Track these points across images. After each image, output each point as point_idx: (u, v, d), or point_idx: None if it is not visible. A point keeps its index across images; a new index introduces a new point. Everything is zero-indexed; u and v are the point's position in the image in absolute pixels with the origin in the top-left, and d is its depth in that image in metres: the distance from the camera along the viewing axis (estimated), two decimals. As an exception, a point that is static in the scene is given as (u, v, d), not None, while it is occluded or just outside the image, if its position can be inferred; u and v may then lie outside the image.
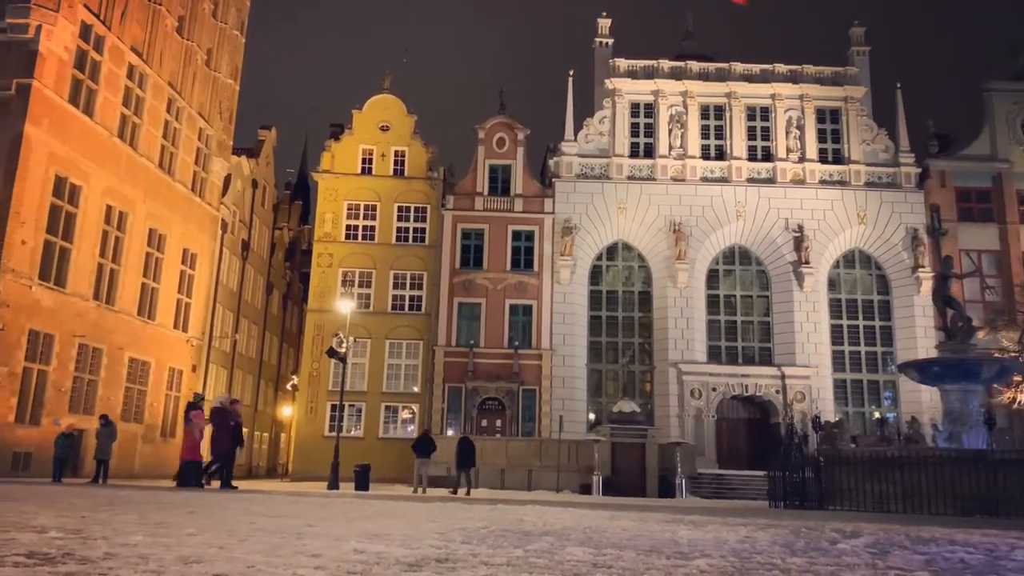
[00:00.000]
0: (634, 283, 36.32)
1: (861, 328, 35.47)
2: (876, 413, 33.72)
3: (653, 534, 7.70)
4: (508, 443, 29.55)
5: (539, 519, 9.50)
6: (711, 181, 35.81)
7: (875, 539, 7.71)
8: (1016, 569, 5.69)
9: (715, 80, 36.81)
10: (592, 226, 35.41)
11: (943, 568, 5.53)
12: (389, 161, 36.74)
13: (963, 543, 7.68)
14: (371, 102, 37.44)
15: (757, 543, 6.98)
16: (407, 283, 35.58)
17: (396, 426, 34.34)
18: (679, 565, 5.07)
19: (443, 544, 5.81)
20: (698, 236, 35.08)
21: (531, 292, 34.89)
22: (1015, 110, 36.03)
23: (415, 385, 34.62)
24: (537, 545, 5.99)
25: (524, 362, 33.92)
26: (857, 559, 5.88)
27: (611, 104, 36.66)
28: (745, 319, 35.81)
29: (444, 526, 7.86)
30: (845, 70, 37.16)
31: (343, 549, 5.20)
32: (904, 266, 34.98)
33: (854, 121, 36.50)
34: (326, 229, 35.88)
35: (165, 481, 22.58)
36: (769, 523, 10.16)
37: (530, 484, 26.93)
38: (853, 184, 35.71)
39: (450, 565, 4.61)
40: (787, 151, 36.17)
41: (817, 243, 34.87)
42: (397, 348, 34.94)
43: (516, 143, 36.46)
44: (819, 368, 34.13)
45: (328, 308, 33.61)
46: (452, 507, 11.76)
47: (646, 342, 35.51)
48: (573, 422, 32.41)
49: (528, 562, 4.91)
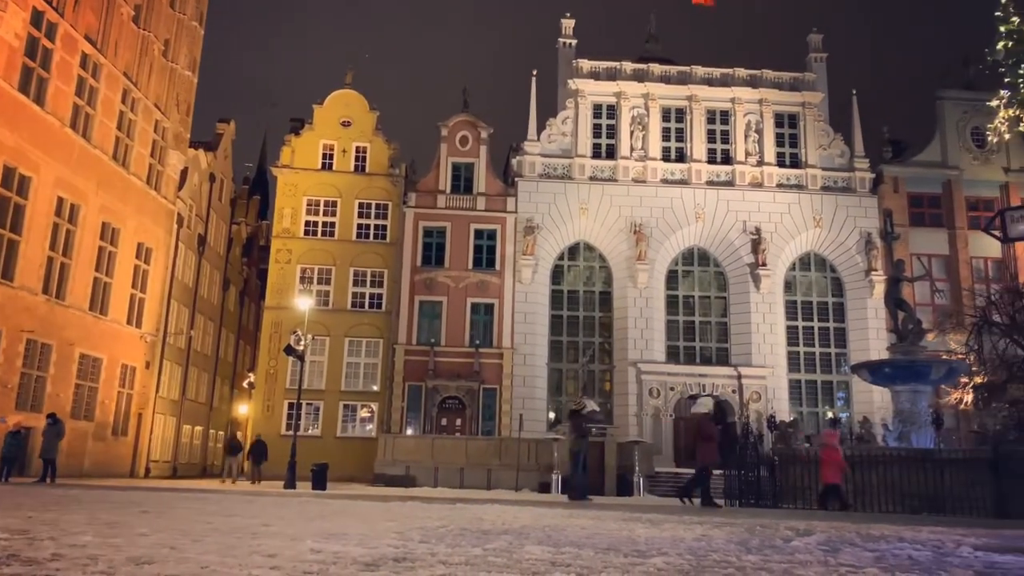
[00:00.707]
0: (595, 283, 36.54)
1: (816, 329, 36.16)
2: (829, 413, 34.40)
3: (611, 532, 7.75)
4: (468, 442, 29.52)
5: (498, 518, 9.49)
6: (671, 183, 36.18)
7: (827, 537, 7.86)
8: (962, 565, 5.84)
9: (676, 83, 37.19)
10: (554, 226, 35.53)
11: (892, 565, 5.65)
12: (350, 157, 36.40)
13: (911, 540, 7.86)
14: (332, 97, 37.06)
15: (713, 541, 7.06)
16: (367, 280, 35.30)
17: (355, 425, 34.06)
18: (636, 563, 5.11)
19: (401, 543, 5.77)
20: (658, 237, 35.42)
21: (493, 291, 34.88)
22: (965, 118, 37.03)
23: (374, 384, 34.37)
24: (496, 544, 5.98)
25: (485, 361, 33.90)
26: (810, 556, 5.98)
27: (574, 105, 36.82)
28: (703, 320, 36.26)
29: (402, 525, 7.81)
30: (803, 76, 37.84)
31: (299, 549, 5.14)
32: (858, 269, 35.74)
33: (811, 126, 37.18)
34: (285, 225, 35.42)
35: (117, 480, 22.07)
36: (725, 521, 10.29)
37: (489, 483, 26.92)
38: (809, 188, 36.38)
39: (408, 564, 4.58)
40: (746, 154, 36.71)
41: (774, 246, 35.45)
42: (356, 346, 34.64)
43: (479, 141, 36.41)
44: (774, 368, 34.70)
45: (286, 305, 33.19)
46: (410, 506, 11.70)
47: (606, 342, 35.75)
48: (533, 421, 32.49)
49: (487, 561, 4.90)
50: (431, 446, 28.76)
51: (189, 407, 36.64)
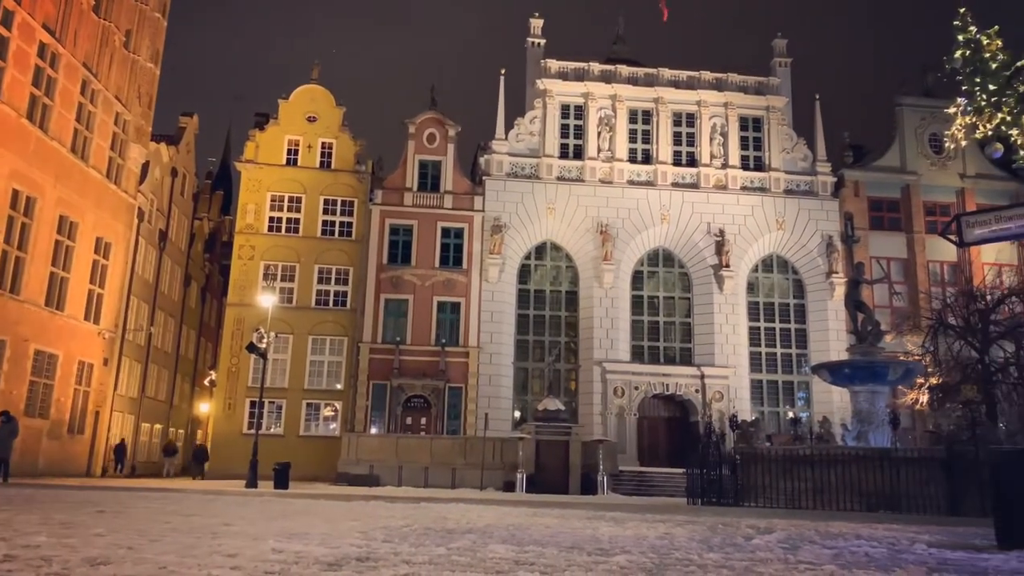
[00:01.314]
0: (561, 283, 36.66)
1: (777, 330, 36.69)
2: (790, 413, 34.92)
3: (575, 531, 7.78)
4: (433, 441, 29.45)
5: (462, 517, 9.48)
6: (637, 184, 36.43)
7: (787, 535, 7.98)
8: (915, 561, 5.97)
9: (644, 85, 37.45)
10: (521, 225, 35.56)
11: (849, 562, 5.76)
12: (316, 153, 36.04)
13: (868, 537, 8.02)
14: (298, 92, 36.65)
15: (676, 539, 7.13)
16: (332, 278, 34.98)
17: (318, 424, 33.74)
18: (600, 561, 5.14)
19: (364, 543, 5.73)
20: (624, 238, 35.64)
21: (459, 289, 34.80)
22: (923, 125, 37.85)
23: (338, 382, 34.08)
24: (460, 543, 5.97)
25: (451, 360, 33.81)
26: (770, 554, 6.07)
27: (542, 104, 36.89)
28: (667, 320, 36.58)
29: (366, 525, 7.76)
30: (768, 80, 38.34)
31: (261, 548, 5.07)
32: (819, 271, 36.33)
33: (775, 130, 37.70)
34: (248, 220, 34.96)
35: (72, 480, 21.59)
36: (687, 519, 10.39)
37: (454, 482, 26.88)
38: (773, 191, 36.88)
39: (371, 564, 4.56)
40: (711, 157, 37.09)
41: (737, 247, 35.89)
42: (320, 344, 34.32)
43: (447, 139, 36.30)
44: (737, 368, 35.14)
45: (249, 302, 32.76)
46: (374, 506, 11.63)
47: (572, 341, 35.89)
48: (499, 420, 32.49)
49: (451, 560, 4.89)
50: (395, 445, 28.62)
51: (148, 405, 36.00)
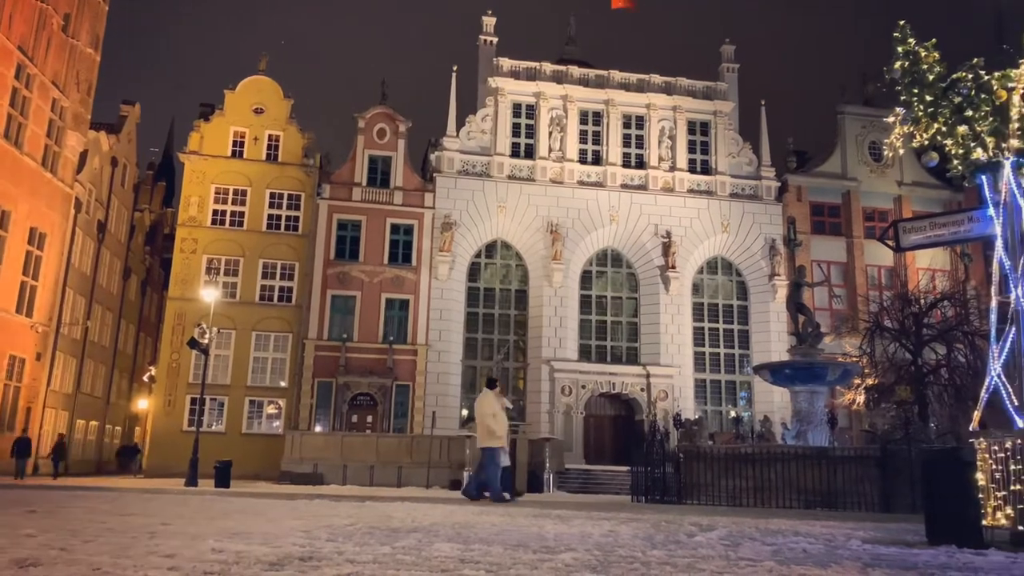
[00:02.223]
0: (511, 281, 36.73)
1: (721, 331, 37.39)
2: (732, 412, 35.63)
3: (521, 529, 7.80)
4: (379, 439, 29.21)
5: (408, 516, 9.43)
6: (587, 185, 36.71)
7: (728, 532, 8.13)
8: (851, 557, 6.14)
9: (594, 86, 37.74)
10: (472, 223, 35.51)
11: (788, 558, 5.89)
12: (262, 145, 35.39)
13: (806, 534, 8.22)
14: (245, 83, 35.95)
15: (620, 537, 7.20)
16: (277, 273, 34.40)
17: (261, 421, 33.17)
18: (545, 559, 5.16)
19: (307, 542, 5.65)
20: (574, 238, 35.88)
21: (408, 287, 34.58)
22: (864, 133, 38.99)
23: (283, 379, 33.54)
24: (405, 542, 5.93)
25: (399, 357, 33.58)
26: (712, 551, 6.17)
27: (494, 103, 36.88)
28: (615, 319, 36.96)
29: (309, 524, 7.66)
30: (715, 85, 39.01)
31: (200, 548, 4.96)
32: (762, 274, 37.12)
33: (722, 134, 38.38)
34: (191, 213, 34.16)
35: (1, 479, 20.79)
36: (631, 517, 10.51)
37: (400, 481, 26.71)
38: (719, 195, 37.55)
39: (314, 563, 4.49)
40: (659, 160, 37.59)
41: (683, 249, 36.44)
42: (264, 340, 33.73)
43: (397, 135, 36.02)
44: (681, 368, 35.69)
45: (191, 296, 32.01)
46: (318, 504, 11.48)
47: (521, 339, 35.99)
48: (446, 418, 32.40)
49: (395, 559, 4.85)
50: (340, 443, 28.32)
51: (84, 401, 34.90)
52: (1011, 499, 7.38)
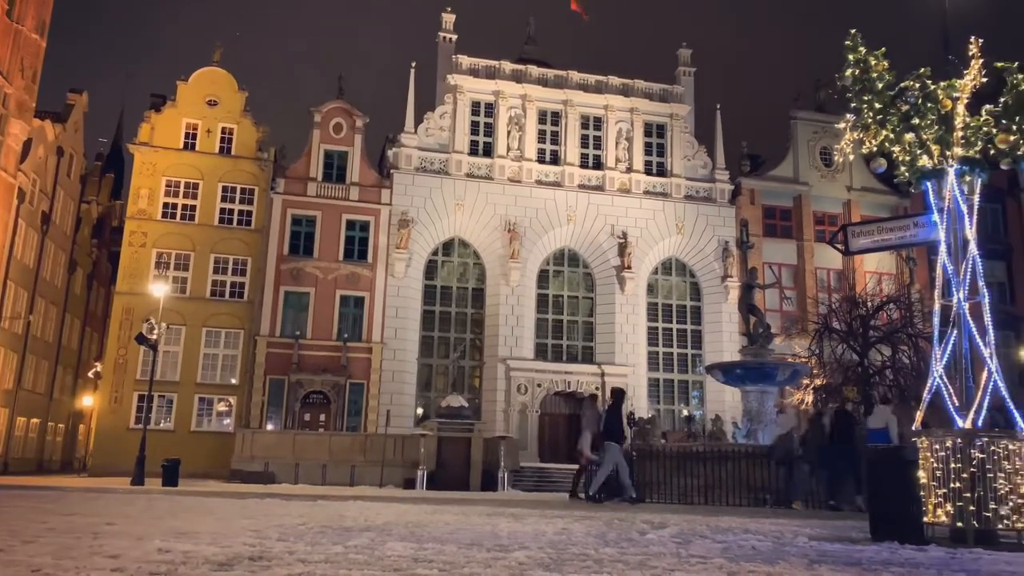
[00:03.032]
0: (468, 280, 36.66)
1: (674, 331, 37.85)
2: (685, 411, 36.12)
3: (475, 527, 7.79)
4: (332, 438, 28.91)
5: (360, 515, 9.35)
6: (545, 184, 36.82)
7: (680, 529, 8.24)
8: (798, 554, 6.27)
9: (553, 86, 37.86)
10: (430, 220, 35.34)
11: (737, 555, 5.99)
12: (215, 138, 34.72)
13: (755, 531, 8.37)
14: (198, 74, 35.23)
15: (573, 535, 7.24)
16: (229, 268, 33.79)
17: (211, 419, 32.57)
18: (499, 557, 5.16)
19: (257, 542, 5.56)
20: (531, 237, 35.96)
21: (364, 284, 34.28)
22: (815, 138, 39.82)
23: (233, 376, 32.97)
24: (357, 541, 5.88)
25: (353, 355, 33.28)
26: (663, 548, 6.24)
27: (452, 100, 36.75)
28: (571, 319, 37.16)
29: (260, 523, 7.55)
30: (672, 88, 39.44)
31: (146, 549, 4.85)
32: (715, 275, 37.68)
33: (677, 137, 38.83)
34: (141, 206, 33.36)
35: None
36: (585, 515, 10.58)
37: (353, 480, 26.47)
38: (674, 197, 38.00)
39: (264, 563, 4.43)
40: (616, 161, 37.88)
41: (639, 250, 36.80)
42: (215, 337, 33.12)
43: (354, 130, 35.68)
44: (635, 367, 36.05)
45: (139, 291, 31.26)
46: (269, 504, 11.32)
47: (477, 338, 35.96)
48: (401, 417, 32.21)
49: (347, 558, 4.81)
50: (292, 442, 27.95)
51: (25, 398, 33.87)
52: (951, 496, 7.61)
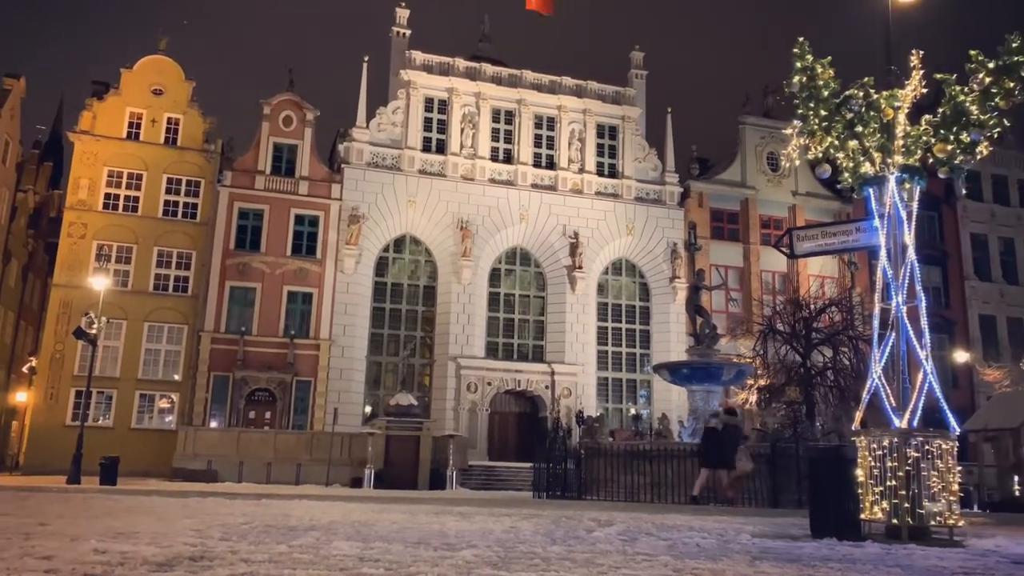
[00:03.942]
0: (419, 277, 36.46)
1: (623, 331, 38.24)
2: (632, 409, 36.52)
3: (422, 526, 7.76)
4: (277, 436, 28.49)
5: (306, 513, 9.24)
6: (498, 183, 36.82)
7: (626, 527, 8.32)
8: (741, 551, 6.39)
9: (507, 85, 37.87)
10: (381, 216, 35.03)
11: (682, 552, 6.08)
12: (161, 128, 33.85)
13: (699, 529, 8.50)
14: (143, 62, 34.31)
15: (521, 533, 7.25)
16: (173, 262, 32.99)
17: (152, 416, 31.77)
18: (446, 556, 5.14)
19: (199, 541, 5.44)
20: (484, 235, 35.93)
21: (312, 279, 33.82)
22: (763, 143, 40.63)
23: (176, 373, 32.21)
24: (302, 540, 5.81)
25: (300, 352, 32.81)
26: (610, 546, 6.30)
27: (405, 96, 36.49)
28: (522, 317, 37.25)
29: (201, 523, 7.39)
30: (624, 90, 39.81)
31: (81, 550, 4.70)
32: (663, 276, 38.18)
33: (629, 139, 39.22)
34: (81, 196, 32.35)
35: None
36: (533, 513, 10.62)
37: (299, 478, 26.13)
38: (624, 198, 38.38)
39: (206, 563, 4.33)
40: (569, 161, 38.08)
41: (590, 250, 37.07)
42: (157, 332, 32.30)
43: (304, 123, 35.16)
44: (585, 366, 36.31)
45: (78, 284, 30.30)
46: (211, 502, 11.09)
47: (428, 336, 35.78)
48: (349, 415, 31.86)
49: (292, 558, 4.74)
50: (237, 439, 27.47)
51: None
52: (887, 494, 7.85)
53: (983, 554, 6.89)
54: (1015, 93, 8.39)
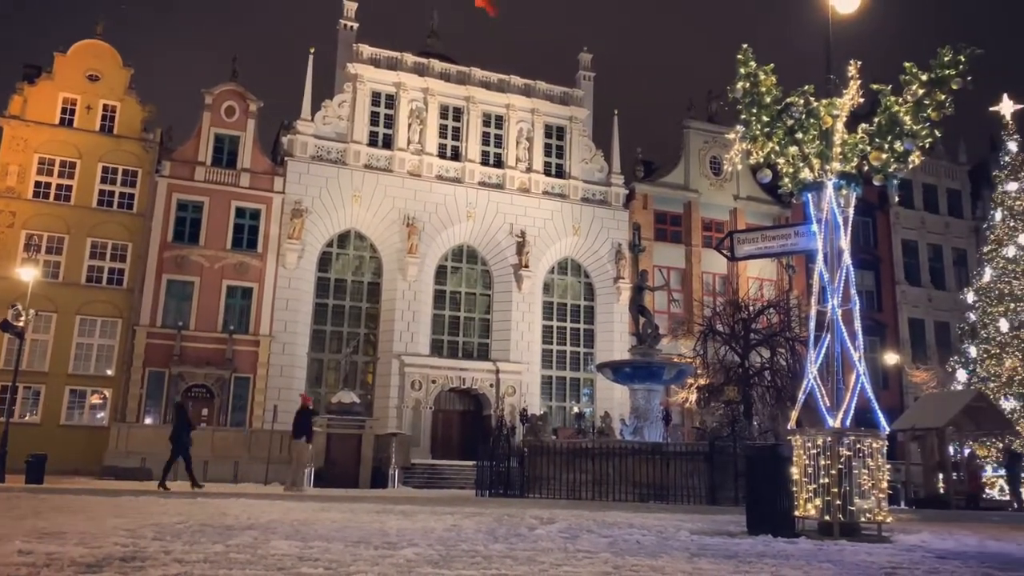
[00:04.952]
0: (364, 273, 36.07)
1: (568, 330, 38.52)
2: (576, 408, 36.82)
3: (362, 525, 7.68)
4: (214, 433, 27.83)
5: (243, 512, 9.07)
6: (446, 180, 36.68)
7: (568, 525, 8.37)
8: (679, 547, 6.49)
9: (456, 82, 37.74)
10: (325, 211, 34.54)
11: (623, 549, 6.14)
12: (96, 115, 32.73)
13: (639, 526, 8.61)
14: (79, 46, 33.11)
15: (463, 531, 7.24)
16: (108, 253, 31.94)
17: (83, 412, 30.73)
18: (386, 555, 5.10)
19: (131, 541, 5.28)
20: (430, 232, 35.74)
21: (253, 274, 33.15)
22: (706, 147, 41.37)
23: (109, 368, 31.21)
24: (239, 540, 5.69)
25: (239, 348, 32.13)
26: (552, 544, 6.33)
27: (352, 89, 36.04)
28: (468, 315, 37.19)
29: (134, 522, 7.19)
30: (572, 91, 40.06)
31: (3, 551, 4.51)
32: (608, 276, 38.58)
33: (576, 140, 39.49)
34: (9, 183, 31.07)
35: None
36: (475, 511, 10.62)
37: (237, 477, 25.63)
38: (571, 198, 38.64)
39: (137, 564, 4.21)
40: (516, 160, 38.15)
41: (536, 249, 37.22)
42: (90, 325, 31.25)
43: (248, 114, 34.43)
44: (530, 365, 36.46)
45: (5, 274, 29.08)
46: (144, 501, 10.79)
47: (371, 333, 35.44)
48: (289, 412, 31.05)
49: (228, 558, 4.64)
50: (173, 436, 26.71)
51: None
52: (820, 492, 8.07)
53: (910, 549, 7.15)
54: (946, 105, 8.72)
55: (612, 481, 17.25)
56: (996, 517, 16.78)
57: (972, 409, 25.95)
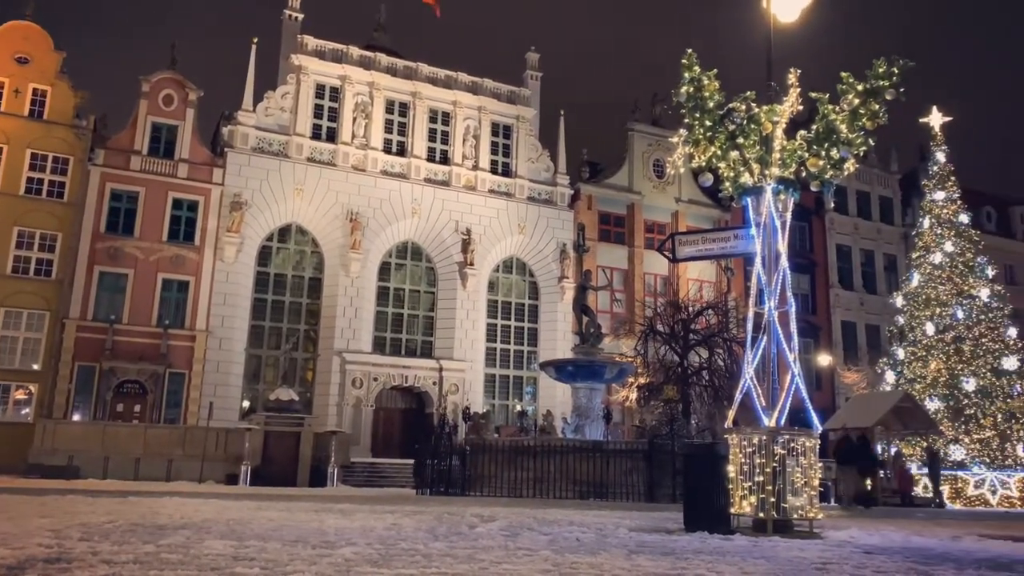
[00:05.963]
0: (305, 268, 35.50)
1: (512, 328, 38.61)
2: (518, 406, 36.92)
3: (300, 524, 7.57)
4: (147, 430, 27.06)
5: (177, 511, 8.85)
6: (391, 175, 36.35)
7: (508, 523, 8.39)
8: (618, 545, 6.57)
9: (402, 77, 37.43)
10: (265, 204, 33.86)
11: (563, 547, 6.18)
12: (25, 99, 31.44)
13: (579, 524, 8.69)
14: (7, 27, 31.75)
15: (403, 530, 7.19)
16: (36, 243, 30.71)
17: (6, 408, 29.50)
18: (324, 555, 5.03)
19: (56, 542, 5.09)
20: (374, 228, 35.37)
21: (189, 267, 32.32)
22: (650, 150, 41.94)
23: (36, 362, 30.03)
24: (172, 539, 5.54)
25: (174, 343, 31.29)
26: (492, 542, 6.33)
27: (296, 81, 35.42)
28: (411, 312, 36.94)
29: (59, 522, 6.94)
30: (519, 90, 40.15)
31: (-84, 554, 4.30)
32: (552, 276, 38.80)
33: (523, 139, 39.59)
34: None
35: None
36: (415, 510, 10.56)
37: (170, 474, 24.95)
38: (517, 197, 38.73)
39: (63, 565, 4.06)
40: (463, 157, 38.05)
41: (482, 247, 37.19)
42: (16, 318, 30.01)
43: (187, 103, 33.52)
44: (473, 363, 36.41)
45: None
46: (71, 500, 10.42)
47: (312, 329, 34.89)
48: (226, 409, 30.66)
49: (159, 558, 4.51)
50: (102, 434, 25.93)
51: None
52: (755, 489, 8.27)
53: (839, 544, 7.38)
54: (879, 115, 9.02)
55: (553, 479, 17.35)
56: (920, 514, 17.49)
57: (900, 409, 26.97)
